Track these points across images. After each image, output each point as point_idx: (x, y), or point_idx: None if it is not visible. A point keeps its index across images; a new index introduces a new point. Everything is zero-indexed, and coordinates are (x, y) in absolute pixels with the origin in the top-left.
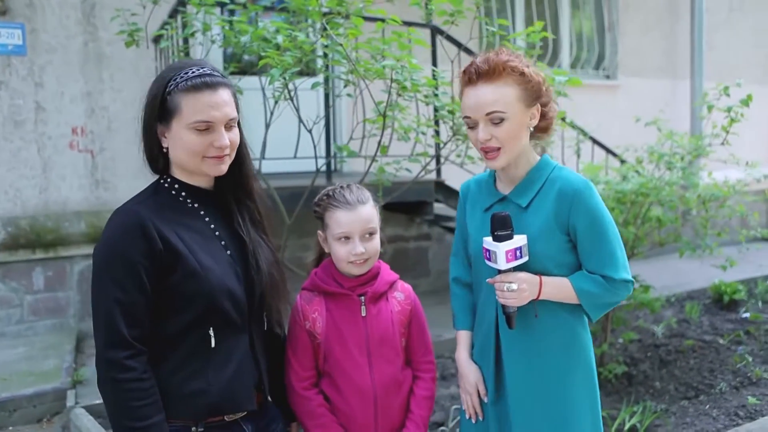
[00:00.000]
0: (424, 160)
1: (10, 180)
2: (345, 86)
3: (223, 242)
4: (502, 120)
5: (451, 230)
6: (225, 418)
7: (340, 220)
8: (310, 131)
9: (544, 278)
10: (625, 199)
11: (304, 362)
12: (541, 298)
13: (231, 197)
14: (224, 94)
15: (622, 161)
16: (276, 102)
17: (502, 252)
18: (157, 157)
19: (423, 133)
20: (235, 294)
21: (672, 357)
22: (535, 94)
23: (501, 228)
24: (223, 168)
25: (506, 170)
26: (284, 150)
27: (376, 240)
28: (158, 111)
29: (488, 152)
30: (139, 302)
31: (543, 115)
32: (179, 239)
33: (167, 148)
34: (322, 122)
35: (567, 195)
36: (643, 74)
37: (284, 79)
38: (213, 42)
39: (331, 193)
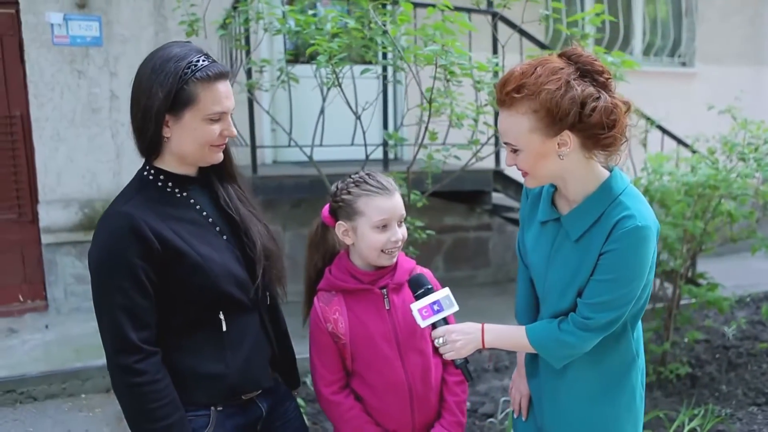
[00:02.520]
0: (476, 148)
1: (87, 164)
2: (395, 72)
3: (217, 228)
4: (516, 150)
5: (512, 221)
6: (242, 397)
7: (381, 206)
8: (358, 117)
9: (489, 327)
10: (692, 191)
11: (330, 366)
12: (487, 347)
13: (216, 180)
14: (229, 83)
15: (693, 151)
16: (328, 89)
17: (415, 311)
18: (156, 146)
19: (475, 120)
20: (239, 277)
21: (743, 360)
22: (556, 122)
23: (415, 288)
24: (221, 155)
25: (558, 188)
26: (341, 138)
27: (404, 227)
28: (172, 101)
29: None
30: (143, 305)
31: (592, 137)
32: (175, 234)
33: (168, 138)
34: (378, 110)
35: (617, 236)
36: (723, 61)
37: (332, 65)
38: (266, 30)
39: (362, 180)
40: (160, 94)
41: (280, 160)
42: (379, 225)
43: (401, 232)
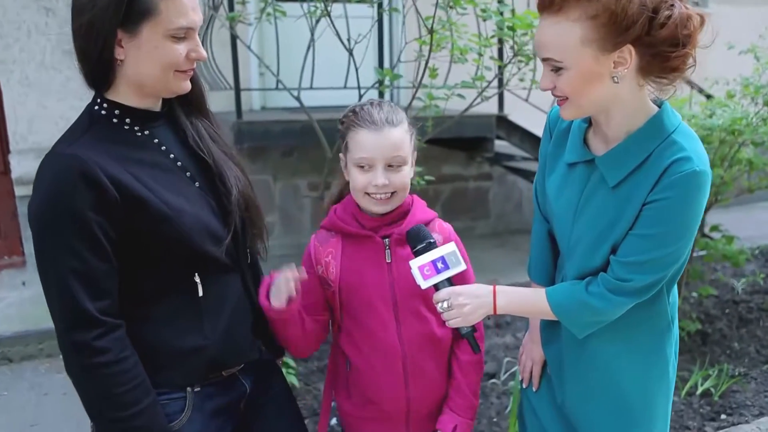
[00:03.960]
0: (481, 86)
1: (60, 110)
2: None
3: (188, 173)
4: (559, 69)
5: (514, 170)
6: (223, 373)
7: (361, 141)
8: (350, 51)
9: (501, 289)
10: (712, 138)
11: (312, 308)
12: (499, 312)
13: (182, 116)
14: None
15: (708, 96)
16: (316, 21)
17: (415, 269)
18: (107, 72)
19: (480, 54)
20: (215, 231)
21: (754, 315)
22: (619, 32)
23: (414, 242)
24: (189, 84)
25: (597, 121)
26: (333, 81)
27: (405, 172)
28: (124, 13)
29: (556, 98)
30: (100, 268)
31: (658, 55)
32: (135, 180)
33: (121, 61)
34: (373, 50)
35: (670, 182)
36: (738, 2)
37: None
38: None
39: (357, 110)
40: (110, 5)
41: (269, 106)
42: (359, 164)
43: (392, 178)
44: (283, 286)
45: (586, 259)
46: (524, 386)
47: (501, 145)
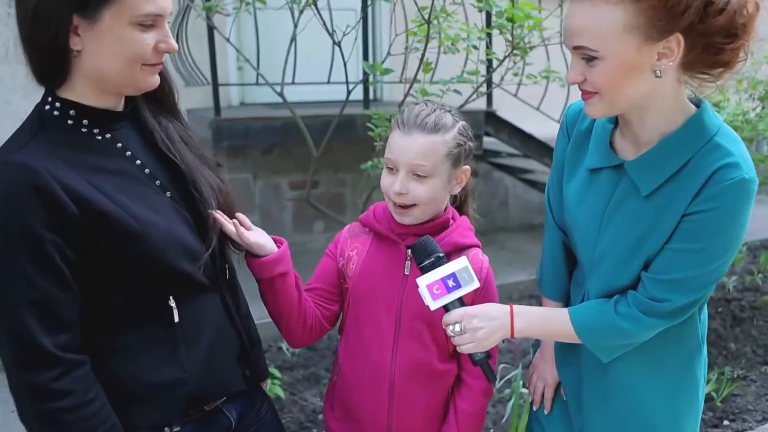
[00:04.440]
0: (477, 80)
1: (26, 107)
2: None
3: (157, 181)
4: (592, 59)
5: (500, 167)
6: (205, 408)
7: (391, 141)
8: (338, 44)
9: (519, 309)
10: None
11: (322, 296)
12: (517, 336)
13: (149, 116)
14: None
15: None
16: (301, 11)
17: (423, 288)
18: (60, 65)
19: (475, 47)
20: (191, 247)
21: (747, 314)
22: (670, 18)
23: (421, 257)
24: (157, 79)
25: (627, 121)
26: (316, 76)
27: (430, 186)
28: None
29: (582, 93)
30: (58, 296)
31: (710, 47)
32: (97, 191)
33: (78, 52)
34: (357, 41)
35: (715, 191)
36: None
37: None
38: None
39: (406, 107)
40: None
41: (248, 102)
42: (387, 164)
43: (411, 187)
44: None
45: (614, 275)
46: (535, 408)
47: (487, 142)
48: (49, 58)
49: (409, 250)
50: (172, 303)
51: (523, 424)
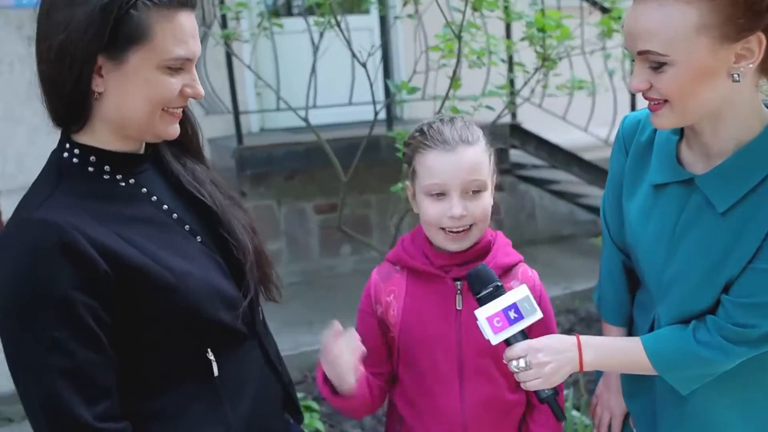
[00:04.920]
0: (506, 95)
1: (50, 145)
2: (405, 5)
3: (186, 226)
4: (661, 65)
5: (526, 179)
6: None
7: (432, 165)
8: (364, 65)
9: (587, 340)
10: None
11: (370, 358)
12: (587, 369)
13: (171, 157)
14: (195, 19)
15: None
16: (321, 34)
17: (482, 321)
18: (81, 107)
19: (503, 60)
20: (228, 295)
21: None
22: (751, 16)
23: (478, 287)
24: (177, 129)
25: (696, 130)
26: (336, 98)
27: (485, 200)
28: (108, 34)
29: (649, 102)
30: (94, 361)
31: None
32: (127, 244)
33: (99, 94)
34: (378, 60)
35: None
36: None
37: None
38: None
39: (424, 129)
40: (90, 22)
41: (268, 127)
42: (430, 191)
43: (470, 207)
44: (342, 363)
45: (689, 298)
46: None
47: (515, 155)
48: (70, 100)
49: (458, 283)
50: (211, 356)
51: None
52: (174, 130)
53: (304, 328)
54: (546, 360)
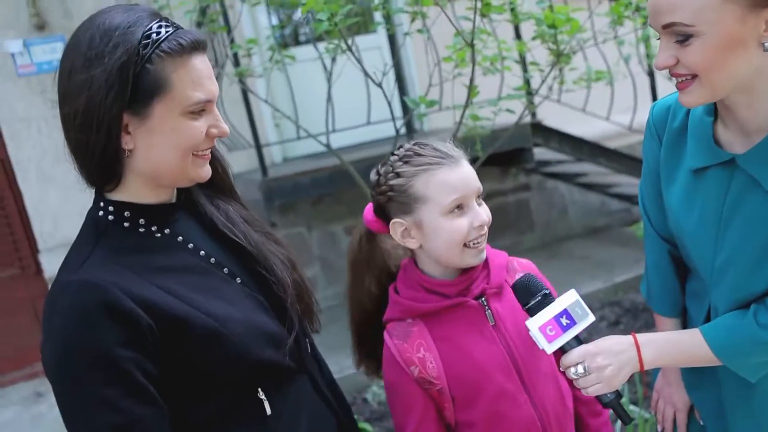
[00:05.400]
0: (524, 95)
1: (83, 201)
2: (412, 21)
3: (225, 269)
4: (688, 37)
5: (553, 176)
6: None
7: (449, 181)
8: (379, 85)
9: (644, 339)
10: None
11: (426, 429)
12: (648, 368)
13: (204, 201)
14: (208, 59)
15: None
16: (333, 59)
17: (535, 331)
18: (114, 166)
19: (517, 62)
20: (273, 333)
21: None
22: None
23: (526, 297)
24: (209, 170)
25: (731, 108)
26: (351, 120)
27: (485, 205)
28: (130, 92)
29: (678, 79)
30: (145, 415)
31: None
32: (168, 295)
33: (130, 151)
34: (391, 78)
35: None
36: None
37: (335, 25)
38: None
39: (412, 153)
40: (111, 84)
41: (289, 156)
42: (452, 208)
43: (485, 212)
44: None
45: (745, 282)
46: None
47: (539, 152)
48: (101, 161)
49: (483, 300)
50: (262, 395)
51: None
52: (206, 172)
53: (347, 351)
54: (605, 363)
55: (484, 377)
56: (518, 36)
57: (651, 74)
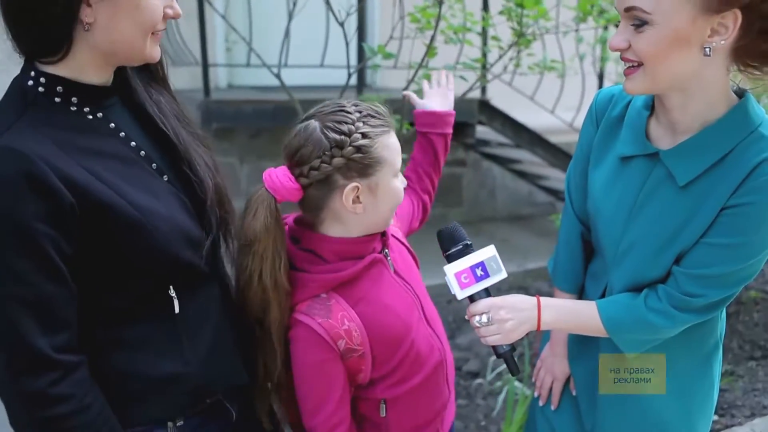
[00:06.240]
0: (479, 68)
1: None
2: None
3: (154, 164)
4: (643, 23)
5: (490, 157)
6: (207, 400)
7: (396, 145)
8: (342, 24)
9: (546, 302)
10: None
11: (344, 402)
12: (544, 328)
13: (140, 89)
14: None
15: None
16: None
17: (450, 276)
18: (65, 39)
19: (479, 34)
20: (192, 234)
21: (732, 309)
22: None
23: (449, 244)
24: (158, 50)
25: (666, 106)
26: (305, 59)
27: None
28: None
29: (626, 64)
30: (54, 293)
31: (766, 33)
32: (94, 178)
33: (89, 24)
34: (353, 23)
35: (758, 184)
36: None
37: None
38: None
39: (366, 113)
40: None
41: (236, 84)
42: (398, 171)
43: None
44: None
45: (642, 267)
46: (541, 404)
47: (481, 131)
48: (53, 30)
49: (386, 252)
50: (173, 293)
51: (518, 416)
52: (158, 52)
53: None
54: (507, 317)
55: (404, 322)
56: (486, 7)
57: (600, 77)
